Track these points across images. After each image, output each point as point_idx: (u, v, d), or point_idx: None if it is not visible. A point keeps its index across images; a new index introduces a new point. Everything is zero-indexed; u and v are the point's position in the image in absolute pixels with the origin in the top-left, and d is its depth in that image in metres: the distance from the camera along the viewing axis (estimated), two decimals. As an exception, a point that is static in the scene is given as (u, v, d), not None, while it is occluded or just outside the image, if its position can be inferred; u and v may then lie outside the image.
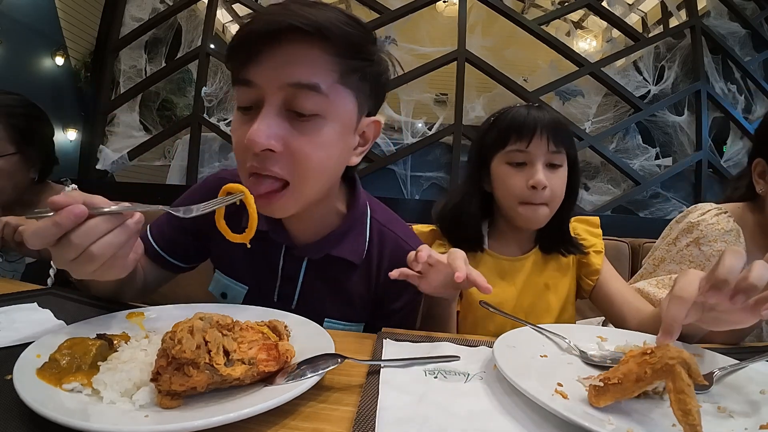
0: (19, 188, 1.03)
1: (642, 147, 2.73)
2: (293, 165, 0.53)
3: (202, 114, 2.68)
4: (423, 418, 0.36)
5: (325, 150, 0.55)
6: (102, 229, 0.41)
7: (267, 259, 0.68)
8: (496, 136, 0.81)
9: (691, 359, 0.34)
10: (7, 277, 0.99)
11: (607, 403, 0.38)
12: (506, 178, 0.79)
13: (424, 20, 2.97)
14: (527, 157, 0.78)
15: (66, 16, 3.42)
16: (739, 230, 0.83)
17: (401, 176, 2.62)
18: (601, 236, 0.90)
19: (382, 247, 0.70)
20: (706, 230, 0.83)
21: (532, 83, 2.83)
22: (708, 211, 0.87)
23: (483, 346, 0.54)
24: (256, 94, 0.52)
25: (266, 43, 0.50)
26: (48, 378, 0.36)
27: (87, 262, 0.41)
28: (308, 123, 0.53)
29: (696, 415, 0.32)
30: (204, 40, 2.76)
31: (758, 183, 0.84)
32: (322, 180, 0.58)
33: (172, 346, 0.35)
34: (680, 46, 2.82)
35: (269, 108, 0.51)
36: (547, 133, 0.76)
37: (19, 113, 1.02)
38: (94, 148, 2.77)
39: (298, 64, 0.51)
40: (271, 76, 0.51)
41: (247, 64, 0.51)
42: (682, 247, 0.86)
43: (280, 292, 0.68)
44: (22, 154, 1.02)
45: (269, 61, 0.51)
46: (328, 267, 0.68)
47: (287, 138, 0.52)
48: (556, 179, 0.79)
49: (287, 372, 0.40)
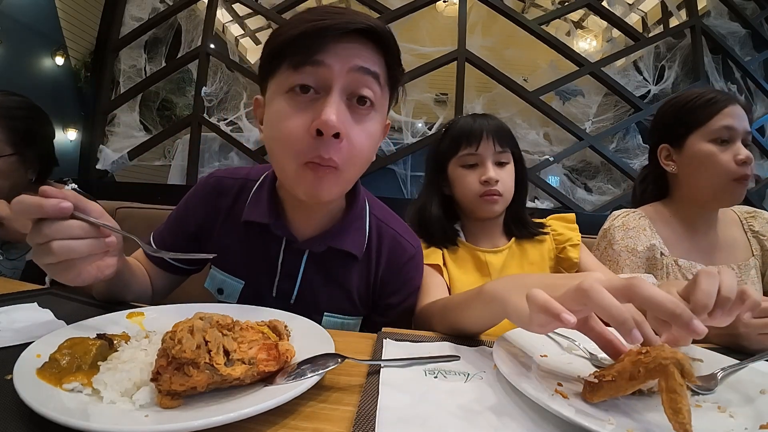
0: (17, 189, 1.03)
1: (642, 147, 2.73)
2: (347, 152, 0.56)
3: (202, 114, 2.69)
4: (423, 418, 0.36)
5: (371, 140, 0.59)
6: (72, 232, 0.45)
7: (266, 253, 0.68)
8: (449, 144, 0.92)
9: (685, 360, 0.34)
10: (6, 274, 0.99)
11: (601, 400, 0.38)
12: (462, 179, 0.90)
13: (424, 20, 2.97)
14: (478, 159, 0.89)
15: (66, 16, 3.42)
16: (646, 225, 0.94)
17: (401, 176, 2.62)
18: (577, 230, 0.96)
19: (381, 243, 0.71)
20: (614, 232, 0.95)
21: (532, 83, 2.83)
22: (617, 216, 0.99)
23: (483, 346, 0.54)
24: (324, 75, 0.54)
25: (335, 36, 0.54)
26: (48, 378, 0.36)
27: (44, 253, 0.45)
28: (364, 112, 0.57)
29: (686, 414, 0.32)
30: (204, 40, 2.76)
31: (668, 165, 0.96)
32: (363, 168, 0.62)
33: (172, 346, 0.35)
34: (680, 45, 2.83)
35: (337, 93, 0.54)
36: (492, 136, 0.88)
37: (19, 115, 1.02)
38: (94, 147, 2.77)
39: (363, 56, 0.56)
40: (342, 58, 0.54)
41: (320, 49, 0.54)
42: (602, 251, 0.97)
43: (279, 287, 0.68)
44: (21, 155, 1.02)
45: (340, 49, 0.54)
46: (329, 261, 0.68)
47: (348, 125, 0.55)
48: (505, 174, 0.89)
49: (287, 372, 0.40)
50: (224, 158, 2.67)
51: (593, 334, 0.43)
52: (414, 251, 0.75)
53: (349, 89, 0.55)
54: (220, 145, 2.69)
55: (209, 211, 0.71)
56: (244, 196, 0.70)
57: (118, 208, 1.56)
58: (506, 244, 0.94)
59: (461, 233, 0.95)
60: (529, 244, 0.94)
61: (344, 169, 0.57)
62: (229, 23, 5.16)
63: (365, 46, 0.56)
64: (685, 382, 0.33)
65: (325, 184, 0.56)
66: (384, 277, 0.70)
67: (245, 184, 0.72)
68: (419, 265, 0.77)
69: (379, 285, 0.71)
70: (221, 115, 2.77)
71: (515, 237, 0.95)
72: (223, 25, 5.05)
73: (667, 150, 0.97)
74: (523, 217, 0.95)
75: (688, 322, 0.34)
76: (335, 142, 0.54)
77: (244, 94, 2.84)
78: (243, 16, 5.05)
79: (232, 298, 0.70)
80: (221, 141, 2.67)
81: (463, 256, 0.92)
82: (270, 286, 0.68)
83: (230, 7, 4.28)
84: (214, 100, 2.76)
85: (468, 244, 0.93)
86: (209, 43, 2.77)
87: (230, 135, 2.62)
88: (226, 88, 2.82)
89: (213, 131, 2.66)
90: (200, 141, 2.67)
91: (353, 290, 0.70)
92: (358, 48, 0.55)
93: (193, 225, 0.72)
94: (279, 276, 0.68)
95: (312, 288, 0.68)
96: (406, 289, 0.73)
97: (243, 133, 2.70)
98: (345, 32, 0.54)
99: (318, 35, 0.53)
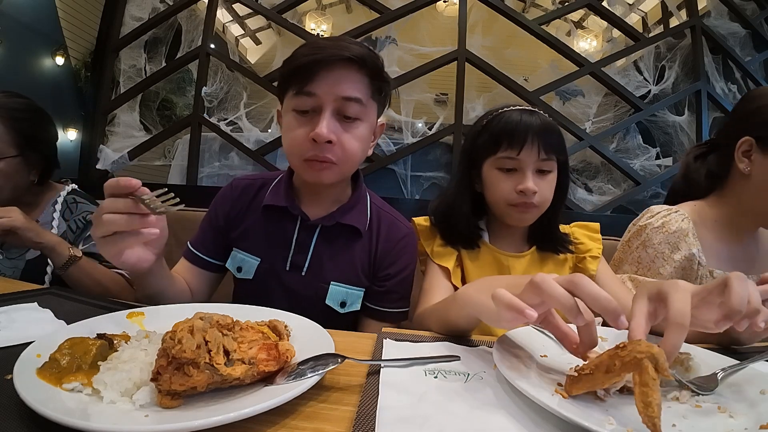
0: (18, 190, 1.04)
1: (642, 147, 2.73)
2: (341, 152, 0.73)
3: (202, 114, 2.68)
4: (423, 418, 0.36)
5: (360, 142, 0.76)
6: (116, 206, 0.53)
7: (283, 232, 0.81)
8: (487, 140, 0.83)
9: (660, 354, 0.35)
10: (7, 274, 0.99)
11: (579, 393, 0.39)
12: (497, 183, 0.82)
13: (425, 20, 2.96)
14: (517, 164, 0.80)
15: (66, 16, 3.42)
16: (689, 229, 0.85)
17: (401, 176, 2.62)
18: (600, 241, 0.91)
19: (380, 223, 0.85)
20: (651, 233, 0.87)
21: (533, 83, 2.83)
22: (657, 213, 0.90)
23: (483, 346, 0.54)
24: (315, 102, 0.72)
25: (324, 68, 0.70)
26: (48, 378, 0.36)
27: (95, 226, 0.54)
28: (352, 124, 0.74)
29: (656, 408, 0.32)
30: (204, 40, 2.76)
31: (742, 161, 0.83)
32: (356, 163, 0.79)
33: (172, 346, 0.35)
34: (680, 46, 2.82)
35: (327, 113, 0.71)
36: (538, 140, 0.78)
37: (23, 117, 1.03)
38: (94, 147, 2.76)
39: (348, 83, 0.72)
40: (329, 91, 0.71)
41: (311, 81, 0.70)
42: (633, 249, 0.90)
43: (293, 261, 0.80)
44: (24, 157, 1.02)
45: (327, 80, 0.71)
46: (337, 236, 0.81)
47: (339, 133, 0.72)
48: (545, 184, 0.81)
49: (287, 372, 0.40)
50: (224, 158, 2.67)
51: (551, 327, 0.47)
52: (407, 231, 0.87)
53: (336, 110, 0.72)
54: (220, 145, 2.68)
55: (235, 204, 0.86)
56: (264, 190, 0.86)
57: (118, 208, 1.56)
58: (529, 250, 0.89)
59: (485, 233, 0.90)
60: (550, 251, 0.90)
61: (341, 163, 0.74)
62: (229, 23, 5.16)
63: (350, 71, 0.72)
64: (658, 377, 0.34)
65: (325, 174, 0.74)
66: (382, 250, 0.83)
67: (264, 182, 0.88)
68: (412, 244, 0.88)
69: (378, 257, 0.83)
70: (221, 115, 2.77)
71: (537, 246, 0.89)
72: (223, 25, 5.05)
73: (749, 145, 0.82)
74: (552, 231, 0.89)
75: (615, 318, 0.40)
76: (329, 146, 0.72)
77: (244, 94, 2.84)
78: (243, 16, 5.05)
79: (248, 274, 0.82)
80: (221, 141, 2.66)
81: (485, 259, 0.87)
82: (284, 260, 0.80)
83: (230, 7, 4.28)
84: (214, 100, 2.76)
85: (491, 246, 0.88)
86: (209, 43, 2.77)
87: (230, 135, 2.62)
88: (226, 88, 2.81)
89: (213, 131, 2.65)
90: (200, 141, 2.66)
91: (357, 262, 0.81)
92: (345, 74, 0.71)
93: (222, 219, 0.86)
94: (293, 251, 0.80)
95: (321, 260, 0.80)
96: (401, 262, 0.84)
97: (243, 133, 2.70)
98: (333, 62, 0.70)
99: (310, 69, 0.70)
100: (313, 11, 5.07)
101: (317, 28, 4.91)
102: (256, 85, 2.74)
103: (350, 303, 0.81)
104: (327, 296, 0.79)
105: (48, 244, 0.92)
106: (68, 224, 1.07)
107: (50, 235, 0.94)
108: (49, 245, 0.92)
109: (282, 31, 3.27)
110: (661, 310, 0.44)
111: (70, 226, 1.07)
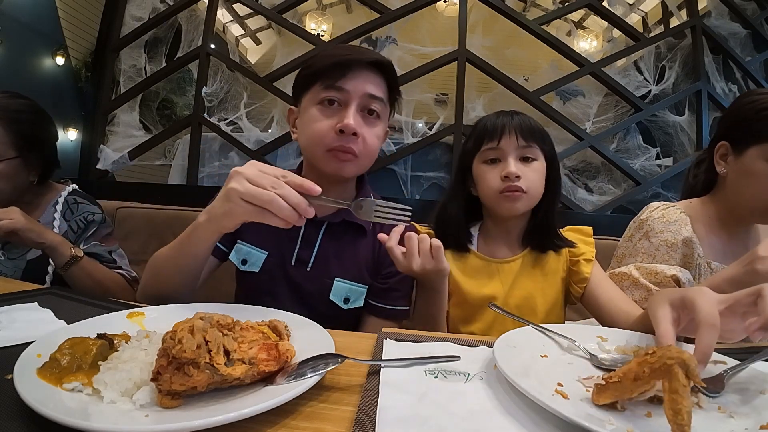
0: (18, 190, 1.04)
1: (643, 147, 2.72)
2: (363, 145, 0.79)
3: (203, 114, 2.68)
4: (423, 418, 0.36)
5: (378, 139, 0.83)
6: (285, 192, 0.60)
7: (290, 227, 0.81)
8: (473, 141, 0.91)
9: (691, 360, 0.34)
10: (7, 274, 0.99)
11: (607, 402, 0.38)
12: (484, 175, 0.88)
13: (425, 20, 2.96)
14: (499, 154, 0.86)
15: (66, 16, 3.42)
16: (685, 219, 0.90)
17: (401, 176, 2.62)
18: (593, 245, 0.93)
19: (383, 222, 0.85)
20: (653, 224, 0.92)
21: (533, 83, 2.82)
22: (656, 207, 0.96)
23: (483, 346, 0.54)
24: (343, 97, 0.78)
25: (355, 67, 0.78)
26: (48, 377, 0.36)
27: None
28: (373, 120, 0.81)
29: (686, 415, 0.31)
30: (204, 40, 2.76)
31: (719, 164, 0.90)
32: (373, 159, 0.84)
33: (172, 346, 0.35)
34: (681, 46, 2.82)
35: (353, 107, 0.77)
36: (516, 130, 0.85)
37: (24, 119, 1.02)
38: (94, 147, 2.76)
39: (373, 83, 0.79)
40: (357, 87, 0.78)
41: (343, 77, 0.77)
42: (635, 242, 0.94)
43: (299, 256, 0.83)
44: (24, 158, 1.02)
45: (357, 78, 0.78)
46: (342, 233, 0.84)
47: (362, 128, 0.78)
48: (530, 171, 0.85)
49: (287, 372, 0.40)
50: (224, 158, 2.67)
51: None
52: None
53: (361, 105, 0.79)
54: (220, 145, 2.68)
55: None
56: None
57: (118, 208, 1.56)
58: (520, 253, 0.91)
59: (474, 240, 0.93)
60: (543, 254, 0.91)
61: (361, 157, 0.79)
62: (229, 23, 5.16)
63: (374, 74, 0.80)
64: (689, 384, 0.33)
65: (347, 166, 0.79)
66: (385, 249, 0.84)
67: None
68: None
69: (381, 255, 0.85)
70: (221, 115, 2.77)
71: (530, 247, 0.91)
72: (223, 25, 5.05)
73: (725, 149, 0.89)
74: (548, 225, 0.90)
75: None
76: (354, 138, 0.77)
77: (244, 94, 2.84)
78: (243, 16, 5.05)
79: (254, 266, 0.84)
80: (221, 141, 2.66)
81: (474, 265, 0.91)
82: (290, 255, 0.83)
83: (231, 7, 4.28)
84: (214, 100, 2.76)
85: (479, 253, 0.91)
86: (209, 43, 2.77)
87: (230, 135, 2.62)
88: (226, 88, 2.81)
89: (213, 131, 2.65)
90: (200, 141, 2.66)
91: (361, 259, 0.85)
92: (371, 77, 0.79)
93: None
94: (299, 246, 0.83)
95: (326, 256, 0.83)
96: None
97: (243, 133, 2.70)
98: (363, 63, 0.78)
99: (344, 66, 0.77)
100: (313, 11, 5.07)
101: (317, 28, 4.91)
102: (257, 85, 2.74)
103: (353, 299, 0.83)
104: (331, 292, 0.81)
105: (50, 243, 0.92)
106: (69, 224, 1.07)
107: (52, 234, 0.94)
108: (51, 245, 0.92)
109: (282, 31, 3.27)
110: (684, 316, 0.44)
111: (71, 227, 1.07)
